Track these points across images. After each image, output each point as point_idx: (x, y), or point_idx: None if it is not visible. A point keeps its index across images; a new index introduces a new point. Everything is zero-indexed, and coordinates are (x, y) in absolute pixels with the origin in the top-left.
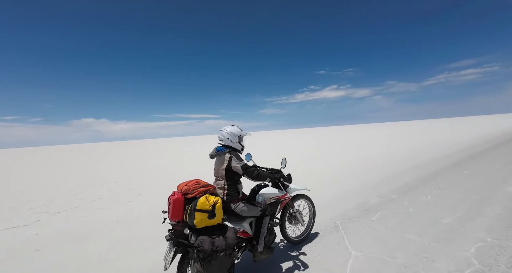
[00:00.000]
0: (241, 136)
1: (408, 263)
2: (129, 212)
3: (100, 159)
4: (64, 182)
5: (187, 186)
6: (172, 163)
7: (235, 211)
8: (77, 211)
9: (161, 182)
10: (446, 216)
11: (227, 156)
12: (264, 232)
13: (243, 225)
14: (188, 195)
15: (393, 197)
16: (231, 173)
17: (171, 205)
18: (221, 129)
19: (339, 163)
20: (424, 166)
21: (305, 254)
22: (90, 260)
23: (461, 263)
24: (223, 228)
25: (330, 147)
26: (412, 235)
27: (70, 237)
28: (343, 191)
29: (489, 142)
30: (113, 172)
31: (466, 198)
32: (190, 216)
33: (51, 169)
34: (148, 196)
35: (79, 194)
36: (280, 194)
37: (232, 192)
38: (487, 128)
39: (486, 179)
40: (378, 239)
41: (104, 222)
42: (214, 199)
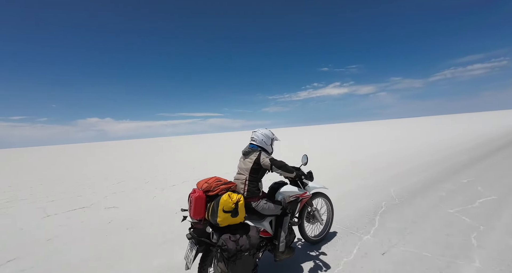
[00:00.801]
0: (273, 139)
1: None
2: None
3: (148, 153)
4: (155, 169)
5: (207, 183)
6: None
7: (256, 209)
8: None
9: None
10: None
11: (257, 151)
12: (285, 231)
13: (264, 224)
14: (209, 192)
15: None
16: (257, 168)
17: (193, 203)
18: (255, 130)
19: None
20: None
21: (325, 254)
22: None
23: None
24: (246, 227)
25: (339, 143)
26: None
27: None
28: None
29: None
30: (176, 163)
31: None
32: (212, 214)
33: (123, 161)
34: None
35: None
36: (300, 192)
37: (253, 188)
38: (491, 125)
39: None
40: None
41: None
42: (236, 197)
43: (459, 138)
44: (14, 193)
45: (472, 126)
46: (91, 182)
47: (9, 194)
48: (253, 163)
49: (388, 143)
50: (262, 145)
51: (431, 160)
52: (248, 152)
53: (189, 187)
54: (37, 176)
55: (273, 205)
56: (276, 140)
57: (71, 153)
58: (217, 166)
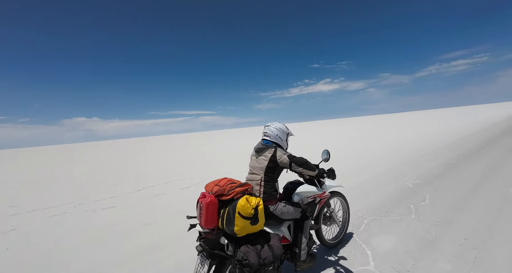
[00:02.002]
0: (288, 134)
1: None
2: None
3: (171, 150)
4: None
5: (218, 186)
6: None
7: (275, 213)
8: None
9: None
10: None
11: (273, 148)
12: (306, 237)
13: (282, 230)
14: (223, 196)
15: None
16: (272, 166)
17: (204, 209)
18: (268, 125)
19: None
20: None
21: (345, 259)
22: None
23: None
24: (266, 236)
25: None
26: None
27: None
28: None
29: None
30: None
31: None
32: (228, 223)
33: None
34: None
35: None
36: (318, 192)
37: (270, 190)
38: (468, 121)
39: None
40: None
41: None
42: (256, 201)
43: (433, 136)
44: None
45: (452, 121)
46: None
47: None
48: (269, 161)
49: (348, 144)
50: (277, 141)
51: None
52: (262, 148)
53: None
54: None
55: (292, 208)
56: (291, 135)
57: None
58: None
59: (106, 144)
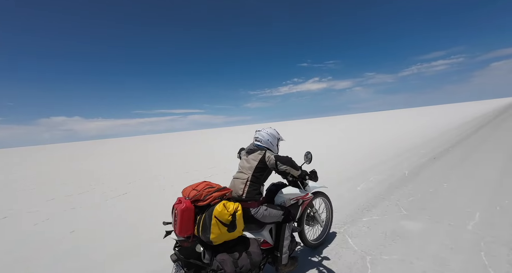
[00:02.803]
0: (279, 139)
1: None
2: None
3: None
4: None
5: (195, 190)
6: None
7: (256, 217)
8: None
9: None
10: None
11: (263, 151)
12: (287, 240)
13: (263, 234)
14: (199, 202)
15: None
16: (261, 167)
17: (178, 216)
18: (259, 130)
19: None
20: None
21: (328, 259)
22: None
23: None
24: (245, 241)
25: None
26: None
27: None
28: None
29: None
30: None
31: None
32: (204, 230)
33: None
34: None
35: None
36: (301, 194)
37: (254, 191)
38: (441, 119)
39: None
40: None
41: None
42: (234, 206)
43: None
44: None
45: (430, 119)
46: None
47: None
48: (259, 161)
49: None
50: (268, 146)
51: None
52: (253, 149)
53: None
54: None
55: (274, 211)
56: (282, 140)
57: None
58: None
59: (80, 145)
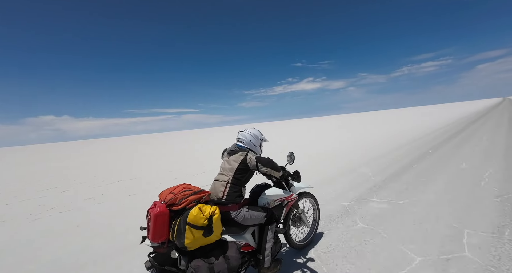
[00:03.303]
0: (262, 140)
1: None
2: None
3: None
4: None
5: (172, 193)
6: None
7: (236, 220)
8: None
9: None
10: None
11: (245, 152)
12: (270, 242)
13: (245, 237)
14: (174, 206)
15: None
16: (243, 169)
17: (152, 221)
18: (242, 130)
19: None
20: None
21: (313, 260)
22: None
23: None
24: (223, 246)
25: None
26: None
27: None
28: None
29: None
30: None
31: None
32: (178, 236)
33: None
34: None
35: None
36: (285, 195)
37: (235, 193)
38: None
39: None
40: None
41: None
42: (210, 210)
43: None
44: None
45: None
46: None
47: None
48: (240, 162)
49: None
50: (250, 147)
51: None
52: (235, 150)
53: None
54: None
55: (256, 213)
56: (265, 141)
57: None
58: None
59: (66, 145)
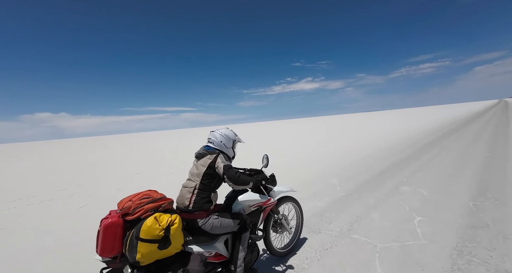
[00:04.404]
0: (235, 141)
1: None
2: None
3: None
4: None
5: (131, 201)
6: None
7: (204, 229)
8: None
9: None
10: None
11: (215, 153)
12: (244, 251)
13: (216, 246)
14: (128, 216)
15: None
16: (210, 173)
17: (101, 233)
18: (213, 130)
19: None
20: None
21: (293, 268)
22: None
23: None
24: (184, 258)
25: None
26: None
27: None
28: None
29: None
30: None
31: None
32: (130, 249)
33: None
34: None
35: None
36: (262, 200)
37: (202, 200)
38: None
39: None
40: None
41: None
42: (168, 219)
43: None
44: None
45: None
46: None
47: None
48: (207, 167)
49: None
50: (221, 148)
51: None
52: (203, 154)
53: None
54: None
55: (227, 221)
56: (240, 142)
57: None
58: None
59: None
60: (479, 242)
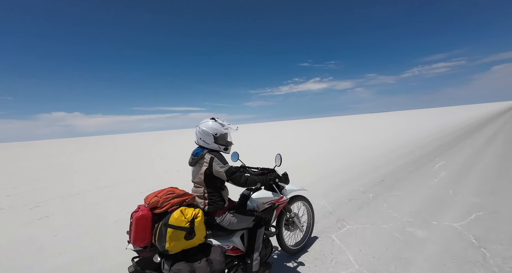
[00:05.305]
0: (217, 135)
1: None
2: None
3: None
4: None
5: (157, 197)
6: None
7: (221, 224)
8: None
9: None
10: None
11: (207, 157)
12: (259, 246)
13: (233, 240)
14: (157, 209)
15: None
16: (212, 179)
17: (133, 224)
18: (197, 124)
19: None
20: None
21: (303, 265)
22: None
23: None
24: (207, 249)
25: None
26: None
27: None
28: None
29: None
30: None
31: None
32: (160, 239)
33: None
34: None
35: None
36: (275, 198)
37: (216, 200)
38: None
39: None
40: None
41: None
42: (193, 213)
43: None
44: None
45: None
46: None
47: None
48: (205, 175)
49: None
50: (203, 145)
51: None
52: (195, 161)
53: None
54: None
55: (243, 217)
56: (228, 130)
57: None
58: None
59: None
60: None
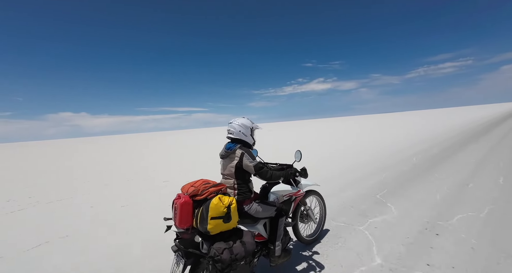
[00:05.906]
0: (253, 129)
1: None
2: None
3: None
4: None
5: (194, 187)
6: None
7: (249, 212)
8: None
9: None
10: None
11: (238, 152)
12: (280, 233)
13: (258, 228)
14: (197, 197)
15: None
16: (241, 172)
17: (178, 209)
18: (231, 121)
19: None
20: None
21: (318, 254)
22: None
23: None
24: (239, 233)
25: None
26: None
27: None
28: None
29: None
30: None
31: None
32: (202, 222)
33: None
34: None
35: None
36: (293, 191)
37: (244, 191)
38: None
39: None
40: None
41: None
42: (228, 200)
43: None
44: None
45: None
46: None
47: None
48: (235, 168)
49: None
50: (241, 137)
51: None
52: (227, 155)
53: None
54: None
55: (267, 207)
56: (257, 128)
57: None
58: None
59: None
60: None
